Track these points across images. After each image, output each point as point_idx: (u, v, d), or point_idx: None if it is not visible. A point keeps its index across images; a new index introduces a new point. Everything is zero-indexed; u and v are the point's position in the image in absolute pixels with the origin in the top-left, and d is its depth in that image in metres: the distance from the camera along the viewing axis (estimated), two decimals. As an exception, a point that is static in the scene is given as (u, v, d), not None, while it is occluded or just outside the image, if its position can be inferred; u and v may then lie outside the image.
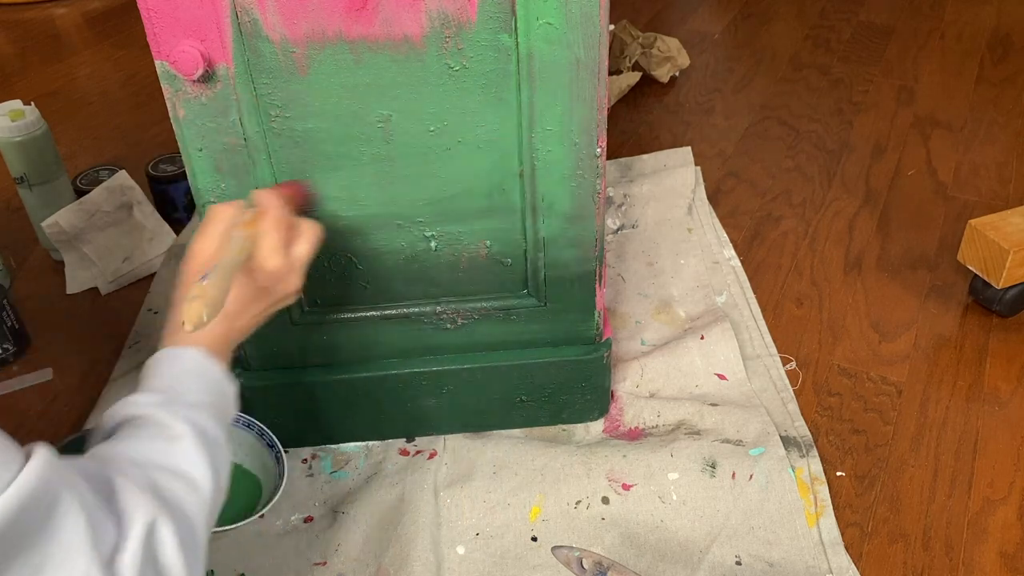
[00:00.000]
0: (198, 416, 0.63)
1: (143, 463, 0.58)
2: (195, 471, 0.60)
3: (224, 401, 0.69)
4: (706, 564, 0.87)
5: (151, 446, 0.60)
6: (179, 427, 0.61)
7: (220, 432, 0.65)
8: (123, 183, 1.31)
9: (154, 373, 0.66)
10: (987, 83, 1.74)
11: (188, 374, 0.66)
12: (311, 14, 0.72)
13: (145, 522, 0.53)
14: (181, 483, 0.59)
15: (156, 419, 0.61)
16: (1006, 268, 1.09)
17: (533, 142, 0.80)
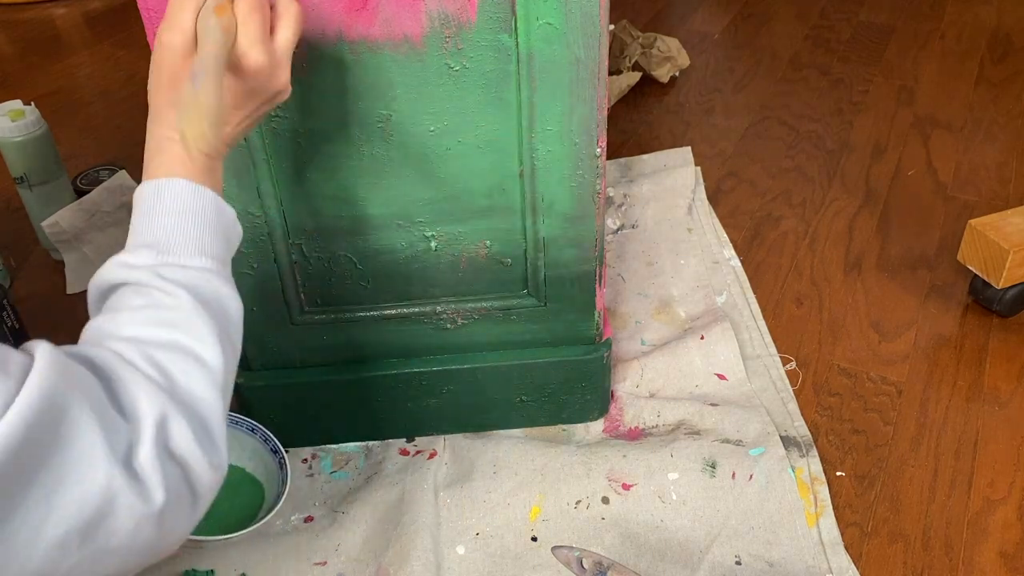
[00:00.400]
0: (190, 275, 0.56)
1: (144, 341, 0.53)
2: (199, 345, 0.55)
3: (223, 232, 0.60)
4: (706, 564, 0.87)
5: (148, 317, 0.54)
6: (175, 293, 0.55)
7: (219, 279, 0.58)
8: (123, 183, 1.31)
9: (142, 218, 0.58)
10: (987, 83, 1.74)
11: (179, 214, 0.58)
12: (311, 14, 0.72)
13: (155, 418, 0.50)
14: (187, 361, 0.54)
15: (151, 285, 0.55)
16: (1006, 268, 1.09)
17: (533, 142, 0.80)
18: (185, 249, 0.57)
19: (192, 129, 0.55)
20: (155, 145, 0.59)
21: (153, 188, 0.58)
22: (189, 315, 0.55)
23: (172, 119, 0.59)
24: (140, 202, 0.59)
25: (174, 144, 0.58)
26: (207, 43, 0.57)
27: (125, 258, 0.57)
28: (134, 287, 0.56)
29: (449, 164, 0.82)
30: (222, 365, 0.56)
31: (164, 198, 0.58)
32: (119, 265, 0.57)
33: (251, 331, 0.92)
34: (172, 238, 0.57)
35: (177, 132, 0.58)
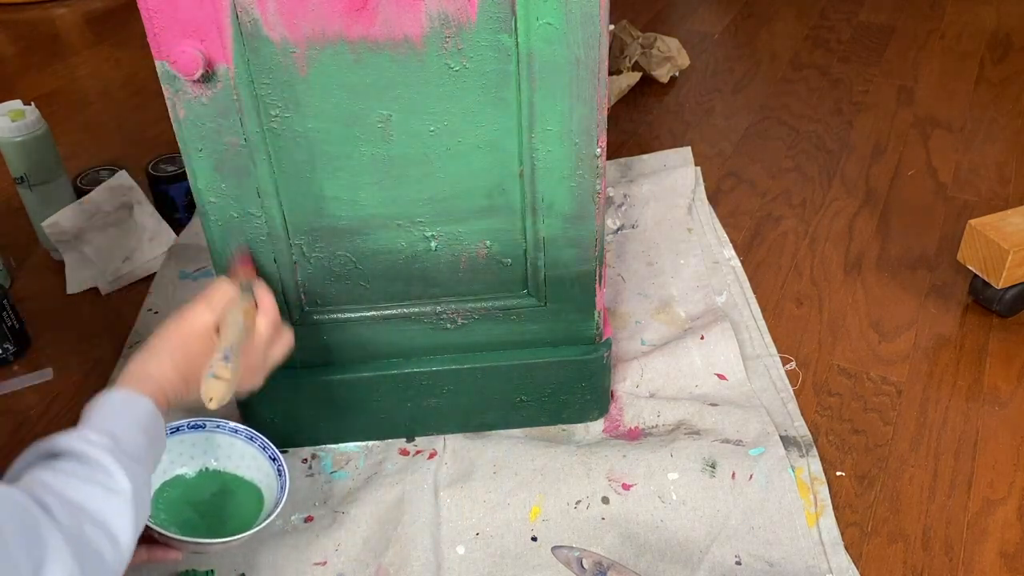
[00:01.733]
0: (139, 474, 0.64)
1: (80, 506, 0.59)
2: (122, 533, 0.61)
3: (158, 457, 0.71)
4: (706, 564, 0.87)
5: (91, 492, 0.61)
6: (122, 482, 0.62)
7: (149, 494, 0.67)
8: (123, 183, 1.31)
9: (109, 412, 0.67)
10: (987, 83, 1.74)
11: (140, 426, 0.67)
12: (311, 14, 0.72)
13: None
14: (107, 542, 0.60)
15: (103, 464, 0.62)
16: (1006, 268, 1.09)
17: (533, 142, 0.80)
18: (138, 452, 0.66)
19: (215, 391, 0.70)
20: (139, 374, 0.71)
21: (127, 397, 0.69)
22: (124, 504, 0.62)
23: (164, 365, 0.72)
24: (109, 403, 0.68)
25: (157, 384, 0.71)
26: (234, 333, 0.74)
27: (85, 433, 0.64)
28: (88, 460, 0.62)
29: (449, 164, 0.82)
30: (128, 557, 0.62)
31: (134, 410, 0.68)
32: (78, 438, 0.63)
33: (251, 331, 0.92)
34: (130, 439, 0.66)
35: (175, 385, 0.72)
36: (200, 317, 0.75)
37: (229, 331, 0.74)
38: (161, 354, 0.73)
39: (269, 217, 0.83)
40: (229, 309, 0.76)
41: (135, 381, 0.70)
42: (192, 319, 0.75)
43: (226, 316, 0.75)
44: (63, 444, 0.63)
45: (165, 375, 0.72)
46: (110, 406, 0.68)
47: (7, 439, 1.05)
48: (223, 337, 0.74)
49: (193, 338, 0.74)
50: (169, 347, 0.73)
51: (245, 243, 0.84)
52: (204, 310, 0.75)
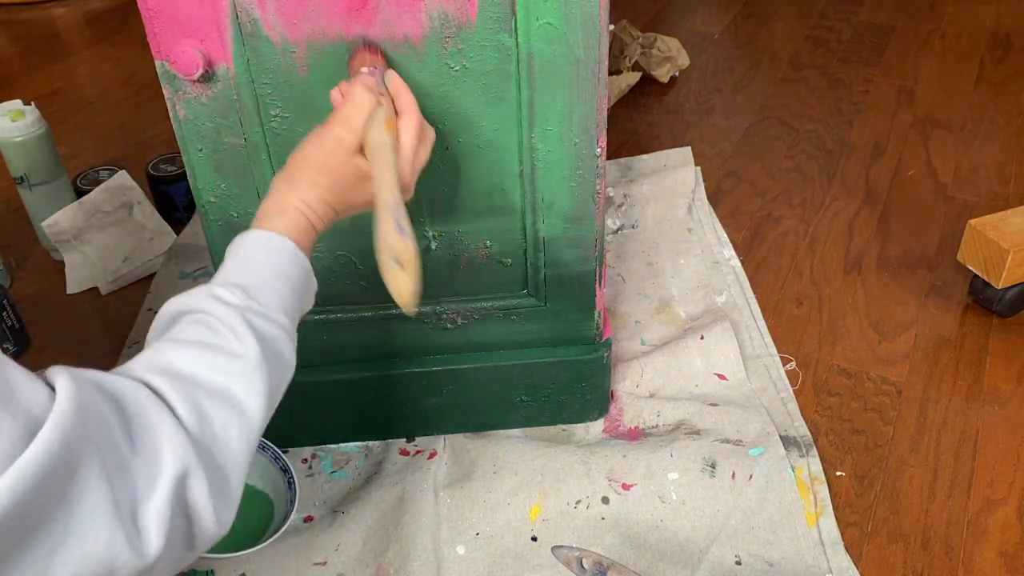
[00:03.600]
0: (271, 328, 0.58)
1: (196, 379, 0.53)
2: (249, 399, 0.55)
3: (305, 301, 0.65)
4: (706, 564, 0.87)
5: (211, 359, 0.54)
6: (247, 342, 0.55)
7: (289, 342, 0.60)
8: (123, 183, 1.31)
9: (243, 261, 0.61)
10: (987, 83, 1.74)
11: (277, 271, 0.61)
12: (311, 14, 0.72)
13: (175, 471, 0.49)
14: (231, 413, 0.54)
15: (227, 324, 0.56)
16: (1006, 268, 1.09)
17: (533, 142, 0.80)
18: (272, 303, 0.59)
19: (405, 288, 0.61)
20: (279, 206, 0.64)
21: (263, 238, 0.62)
22: (249, 367, 0.55)
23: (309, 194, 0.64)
24: (244, 246, 0.62)
25: (300, 215, 0.64)
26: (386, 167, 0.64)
27: (215, 290, 0.58)
28: (209, 321, 0.56)
29: (449, 164, 0.82)
30: (261, 423, 0.56)
31: (269, 251, 0.62)
32: (208, 295, 0.57)
33: (251, 331, 0.92)
34: (265, 289, 0.59)
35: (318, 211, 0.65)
36: (338, 138, 0.65)
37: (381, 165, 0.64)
38: (301, 182, 0.65)
39: (269, 217, 0.83)
40: (370, 127, 0.65)
41: (276, 216, 0.63)
42: (332, 142, 0.65)
43: (369, 136, 0.65)
44: (192, 303, 0.57)
45: (309, 205, 0.65)
46: (244, 251, 0.61)
47: (7, 439, 1.05)
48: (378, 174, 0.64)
49: (337, 163, 0.65)
50: (311, 174, 0.65)
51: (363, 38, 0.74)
52: (343, 131, 0.65)
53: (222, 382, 0.54)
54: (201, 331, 0.56)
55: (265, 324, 0.58)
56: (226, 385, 0.54)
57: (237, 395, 0.55)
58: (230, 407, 0.54)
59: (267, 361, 0.57)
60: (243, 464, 0.55)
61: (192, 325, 0.56)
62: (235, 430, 0.54)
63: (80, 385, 0.46)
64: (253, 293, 0.58)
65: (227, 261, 0.61)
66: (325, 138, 0.66)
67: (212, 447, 0.52)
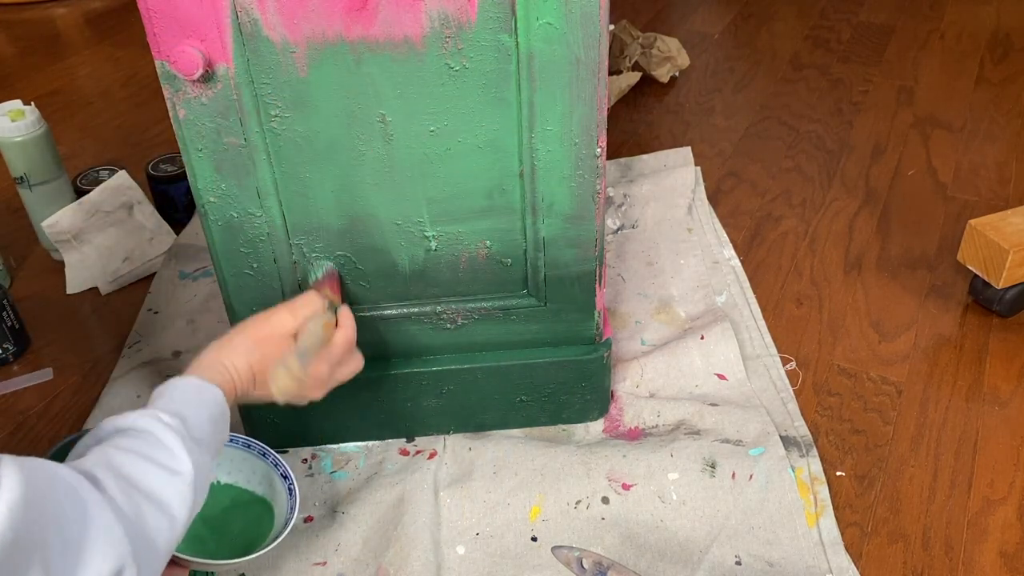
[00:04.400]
0: (202, 458, 0.65)
1: (136, 485, 0.60)
2: (180, 512, 0.62)
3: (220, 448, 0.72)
4: (706, 564, 0.87)
5: (152, 471, 0.61)
6: (185, 463, 0.63)
7: (209, 479, 0.68)
8: (123, 183, 1.31)
9: (180, 396, 0.68)
10: (987, 83, 1.74)
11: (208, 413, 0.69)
12: (311, 14, 0.72)
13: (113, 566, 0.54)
14: (164, 520, 0.60)
15: (168, 445, 0.63)
16: (1006, 268, 1.09)
17: (533, 142, 0.80)
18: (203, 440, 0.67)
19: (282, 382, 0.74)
20: (212, 363, 0.73)
21: (199, 384, 0.70)
22: (185, 484, 0.62)
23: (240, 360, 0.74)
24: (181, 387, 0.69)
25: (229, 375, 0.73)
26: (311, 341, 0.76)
27: (158, 414, 0.65)
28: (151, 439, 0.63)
29: (449, 164, 0.82)
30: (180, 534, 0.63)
31: (203, 395, 0.70)
32: (151, 416, 0.64)
33: (251, 331, 0.92)
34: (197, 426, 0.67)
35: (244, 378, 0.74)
36: (282, 321, 0.77)
37: (306, 338, 0.76)
38: (238, 348, 0.75)
39: (269, 217, 0.83)
40: (311, 319, 0.77)
41: (209, 370, 0.72)
42: (274, 321, 0.77)
43: (307, 325, 0.77)
44: (132, 421, 0.63)
45: (238, 369, 0.74)
46: (182, 390, 0.69)
47: (7, 439, 1.05)
48: (300, 341, 0.76)
49: (271, 339, 0.76)
50: (246, 344, 0.75)
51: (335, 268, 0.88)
52: (287, 315, 0.77)
53: (164, 493, 0.61)
54: (144, 445, 0.62)
55: (198, 450, 0.65)
56: (167, 497, 0.61)
57: (173, 508, 0.61)
58: (164, 514, 0.61)
59: (197, 485, 0.64)
60: (162, 565, 0.61)
61: (135, 439, 0.63)
62: (164, 535, 0.60)
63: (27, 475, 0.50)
64: (189, 425, 0.66)
65: (164, 396, 0.68)
66: (270, 318, 0.77)
67: (143, 546, 0.58)
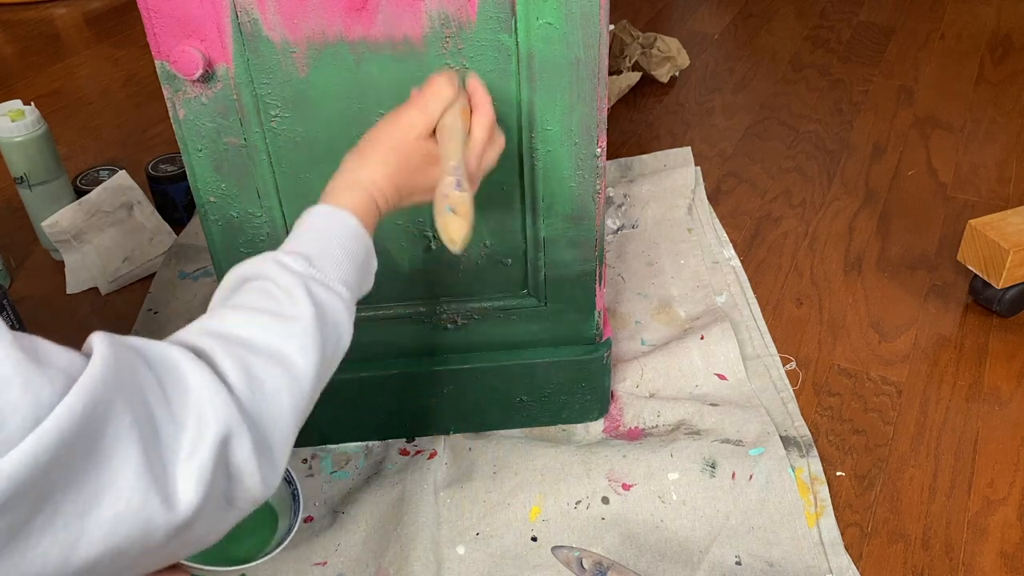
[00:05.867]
0: (329, 296, 0.59)
1: (248, 341, 0.54)
2: (300, 360, 0.55)
3: (365, 278, 0.65)
4: (706, 564, 0.87)
5: (266, 322, 0.55)
6: (303, 307, 0.56)
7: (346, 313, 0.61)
8: (123, 183, 1.31)
9: (308, 232, 0.62)
10: (987, 83, 1.74)
11: (339, 243, 0.62)
12: (311, 14, 0.72)
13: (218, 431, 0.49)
14: (283, 376, 0.54)
15: (286, 290, 0.57)
16: (1006, 268, 1.09)
17: (533, 142, 0.80)
18: (333, 274, 0.60)
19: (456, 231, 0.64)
20: (348, 182, 0.65)
21: (329, 212, 0.63)
22: (302, 330, 0.56)
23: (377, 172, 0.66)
24: (310, 218, 0.63)
25: (366, 193, 0.65)
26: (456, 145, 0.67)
27: (280, 257, 0.59)
28: (269, 287, 0.57)
29: (449, 164, 0.82)
30: (312, 386, 0.57)
31: (333, 225, 0.63)
32: (272, 261, 0.58)
33: (251, 331, 0.92)
34: (327, 260, 0.60)
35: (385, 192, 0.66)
36: (416, 122, 0.67)
37: (450, 141, 0.67)
38: (372, 161, 0.66)
39: (269, 217, 0.83)
40: (445, 113, 0.68)
41: (344, 193, 0.65)
42: (406, 124, 0.68)
43: (443, 121, 0.68)
44: (251, 268, 0.59)
45: (376, 184, 0.66)
46: (311, 223, 0.63)
47: (7, 439, 1.05)
48: (445, 150, 0.67)
49: (408, 144, 0.67)
50: (381, 153, 0.67)
51: None
52: (418, 115, 0.68)
53: (275, 344, 0.55)
54: (260, 297, 0.57)
55: (324, 292, 0.58)
56: (279, 347, 0.55)
57: (289, 356, 0.55)
58: (282, 368, 0.54)
59: (322, 327, 0.57)
60: (292, 426, 0.55)
61: (253, 292, 0.57)
62: (286, 391, 0.54)
63: (116, 349, 0.46)
64: (315, 262, 0.59)
65: (294, 231, 0.63)
66: (400, 119, 0.68)
67: (261, 408, 0.52)
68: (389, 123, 0.68)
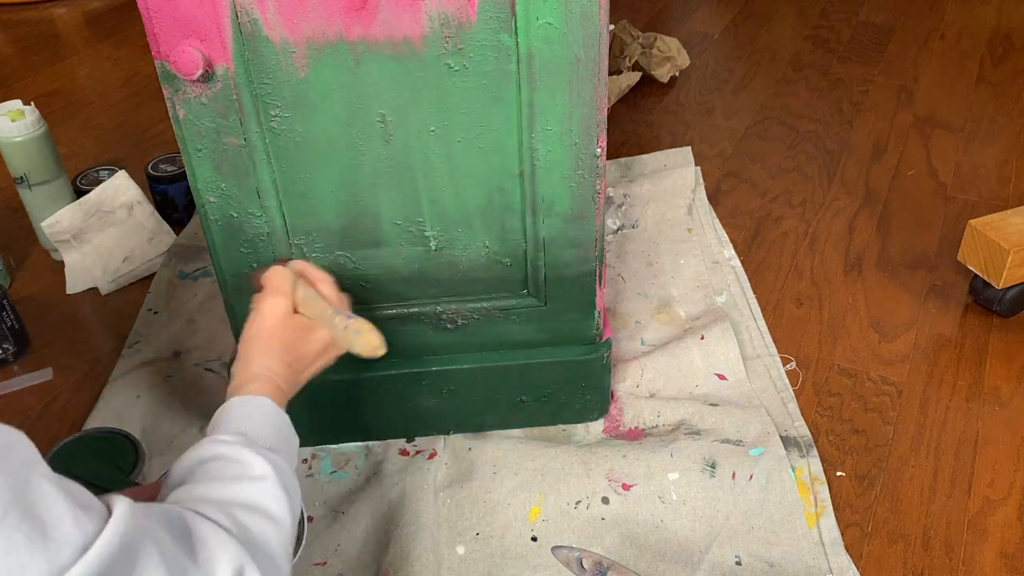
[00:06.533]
0: (276, 459, 0.64)
1: (228, 503, 0.59)
2: (278, 510, 0.61)
3: (293, 451, 0.70)
4: (706, 564, 0.87)
5: (236, 486, 0.61)
6: (261, 467, 0.62)
7: (294, 478, 0.66)
8: (123, 183, 1.31)
9: (229, 417, 0.68)
10: (987, 83, 1.74)
11: (263, 421, 0.68)
12: (311, 14, 0.72)
13: (233, 567, 0.54)
14: (266, 521, 0.60)
15: (239, 458, 0.62)
16: (1006, 268, 1.09)
17: (533, 142, 0.80)
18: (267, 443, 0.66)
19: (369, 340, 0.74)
20: (247, 377, 0.71)
21: (243, 401, 0.69)
22: (270, 483, 0.62)
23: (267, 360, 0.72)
24: (231, 409, 0.68)
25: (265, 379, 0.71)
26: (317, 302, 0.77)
27: (218, 437, 0.64)
28: (223, 462, 0.62)
29: (449, 164, 0.82)
30: (291, 530, 0.62)
31: (251, 409, 0.68)
32: (211, 442, 0.64)
33: (251, 331, 0.92)
34: (258, 433, 0.66)
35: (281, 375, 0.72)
36: (277, 306, 0.75)
37: (315, 304, 0.74)
38: (258, 354, 0.73)
39: (269, 217, 0.83)
40: (296, 288, 0.76)
41: (246, 385, 0.71)
42: (271, 311, 0.75)
43: (297, 295, 0.76)
44: (196, 455, 0.63)
45: (272, 369, 0.72)
46: (229, 413, 0.68)
47: (7, 439, 1.05)
48: (315, 310, 0.74)
49: (281, 326, 0.74)
50: (263, 344, 0.74)
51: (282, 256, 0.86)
52: (275, 298, 0.75)
53: (252, 499, 0.60)
54: (218, 469, 0.62)
55: (269, 454, 0.64)
56: (256, 501, 0.60)
57: (267, 507, 0.61)
58: (264, 518, 0.60)
59: (283, 479, 0.63)
60: (286, 567, 0.61)
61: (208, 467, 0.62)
62: (272, 536, 0.60)
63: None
64: (251, 437, 0.65)
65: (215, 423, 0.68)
66: (262, 311, 0.75)
67: (257, 548, 0.58)
68: (255, 321, 0.75)
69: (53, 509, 0.44)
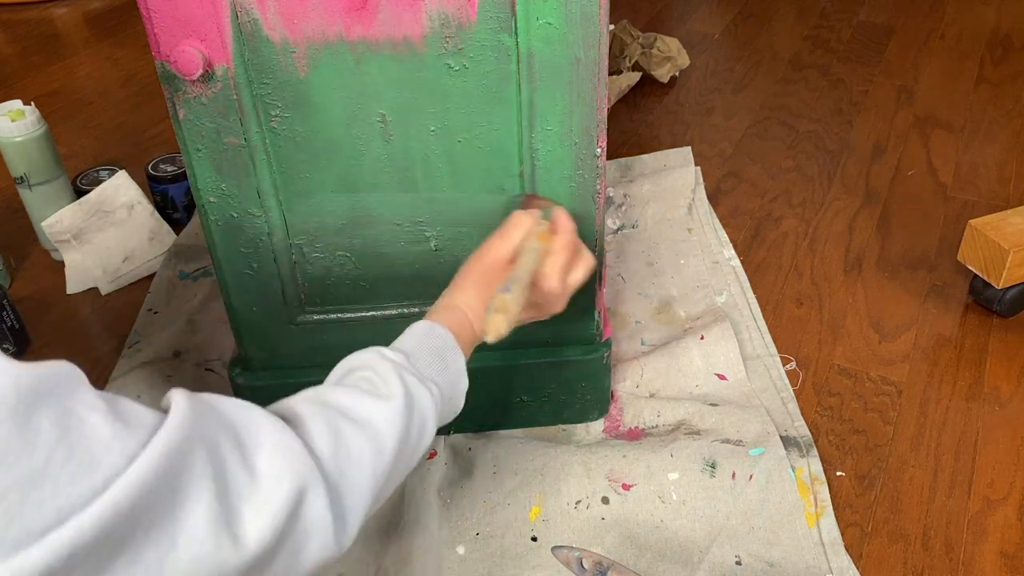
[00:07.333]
0: (420, 389, 0.64)
1: (342, 408, 0.59)
2: (387, 436, 0.60)
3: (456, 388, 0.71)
4: (706, 564, 0.87)
5: (359, 399, 0.60)
6: (395, 388, 0.62)
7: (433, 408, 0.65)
8: (123, 183, 1.31)
9: (410, 339, 0.69)
10: (987, 83, 1.74)
11: (434, 351, 0.68)
12: (311, 14, 0.72)
13: (293, 486, 0.51)
14: (368, 442, 0.58)
15: (382, 374, 0.63)
16: (1006, 268, 1.09)
17: (533, 142, 0.80)
18: (427, 372, 0.67)
19: (493, 325, 0.69)
20: (446, 305, 0.73)
21: (428, 325, 0.70)
22: (394, 410, 0.61)
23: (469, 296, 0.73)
24: (411, 330, 0.70)
25: (462, 314, 0.72)
26: (526, 261, 0.73)
27: (382, 350, 0.66)
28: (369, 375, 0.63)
29: (449, 164, 0.82)
30: (391, 464, 0.60)
31: (430, 335, 0.69)
32: (375, 352, 0.65)
33: (251, 331, 0.92)
34: (421, 359, 0.67)
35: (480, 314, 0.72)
36: (496, 249, 0.76)
37: (521, 260, 0.74)
38: (465, 287, 0.74)
39: (269, 217, 0.83)
40: (527, 237, 0.76)
41: (441, 312, 0.73)
42: (488, 252, 0.76)
43: (524, 244, 0.75)
44: (359, 360, 0.65)
45: (471, 306, 0.73)
46: (411, 333, 0.69)
47: (7, 439, 1.05)
48: (516, 266, 0.74)
49: (493, 269, 0.75)
50: (470, 279, 0.75)
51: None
52: (499, 242, 0.76)
53: (366, 415, 0.59)
54: (361, 381, 0.63)
55: (415, 383, 0.64)
56: (369, 418, 0.59)
57: (377, 426, 0.59)
58: (370, 438, 0.59)
59: (410, 411, 0.62)
60: (369, 491, 0.58)
61: (355, 378, 0.63)
62: (368, 457, 0.58)
63: (192, 403, 0.49)
64: (411, 358, 0.66)
65: (401, 339, 0.69)
66: (485, 249, 0.76)
67: (343, 469, 0.56)
68: (477, 255, 0.76)
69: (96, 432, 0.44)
